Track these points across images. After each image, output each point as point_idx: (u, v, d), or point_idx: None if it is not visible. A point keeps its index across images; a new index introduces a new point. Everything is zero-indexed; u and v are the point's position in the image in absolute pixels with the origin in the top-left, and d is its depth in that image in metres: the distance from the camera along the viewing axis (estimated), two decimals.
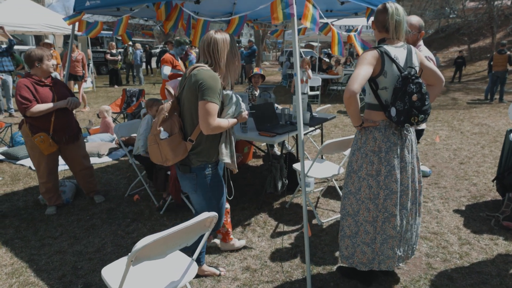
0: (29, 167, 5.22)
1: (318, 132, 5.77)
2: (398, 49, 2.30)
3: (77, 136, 3.87)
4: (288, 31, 13.05)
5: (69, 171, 5.01)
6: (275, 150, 5.75)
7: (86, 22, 3.92)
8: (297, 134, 3.57)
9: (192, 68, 2.26)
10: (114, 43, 14.68)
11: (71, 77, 9.68)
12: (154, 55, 22.94)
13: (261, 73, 5.37)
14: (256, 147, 5.39)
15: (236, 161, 4.04)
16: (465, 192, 4.34)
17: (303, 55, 18.32)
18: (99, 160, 5.49)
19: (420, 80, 2.21)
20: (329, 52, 19.18)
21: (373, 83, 2.32)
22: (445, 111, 9.81)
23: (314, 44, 18.87)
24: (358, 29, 3.50)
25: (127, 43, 4.31)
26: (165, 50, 11.64)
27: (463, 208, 3.94)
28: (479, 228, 3.52)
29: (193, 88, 2.19)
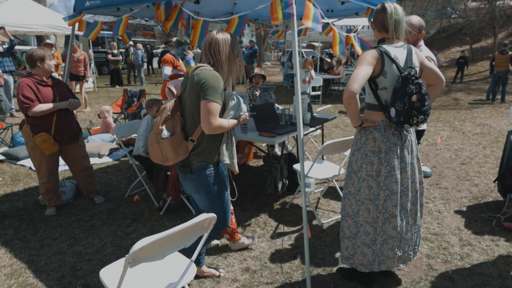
0: (30, 168, 5.22)
1: (319, 132, 5.75)
2: (398, 49, 2.29)
3: (77, 136, 3.87)
4: (289, 31, 13.04)
5: (69, 172, 5.00)
6: (275, 150, 5.74)
7: (86, 22, 3.91)
8: (297, 135, 3.56)
9: (195, 68, 2.25)
10: (116, 43, 14.68)
11: (73, 77, 9.69)
12: (155, 55, 22.96)
13: (262, 74, 5.35)
14: (256, 147, 5.38)
15: (239, 162, 4.05)
16: (466, 193, 4.32)
17: (304, 55, 18.32)
18: (99, 161, 5.49)
19: (420, 81, 2.19)
20: (331, 52, 19.15)
21: (373, 83, 2.30)
22: (447, 111, 9.78)
23: (316, 44, 18.84)
24: (358, 29, 3.49)
25: (127, 43, 4.29)
26: (167, 50, 11.63)
27: (464, 209, 3.92)
28: (480, 229, 3.50)
29: (196, 88, 2.18)
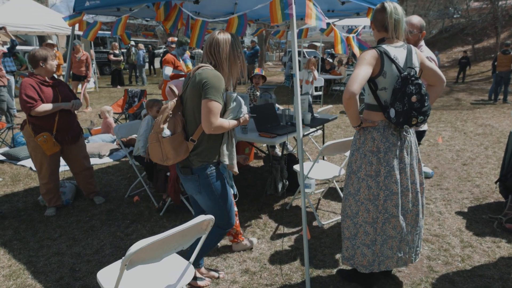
0: (30, 168, 5.22)
1: (320, 133, 5.74)
2: (397, 49, 2.27)
3: (79, 136, 3.87)
4: (290, 32, 13.02)
5: (68, 172, 5.00)
6: (276, 151, 5.72)
7: (86, 22, 3.90)
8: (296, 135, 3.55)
9: (197, 68, 2.25)
10: (117, 44, 14.71)
11: (75, 77, 9.66)
12: (157, 55, 22.97)
13: (262, 74, 5.33)
14: (257, 148, 5.36)
15: (244, 163, 4.03)
16: (467, 194, 4.30)
17: (306, 56, 18.30)
18: (99, 161, 5.49)
19: (419, 81, 2.17)
20: (333, 52, 19.13)
21: (372, 83, 2.29)
22: (449, 111, 9.74)
23: (317, 44, 18.81)
24: (358, 30, 3.47)
25: (126, 44, 4.28)
26: (168, 50, 11.63)
27: (466, 210, 3.89)
28: (482, 230, 3.47)
29: (197, 87, 2.17)
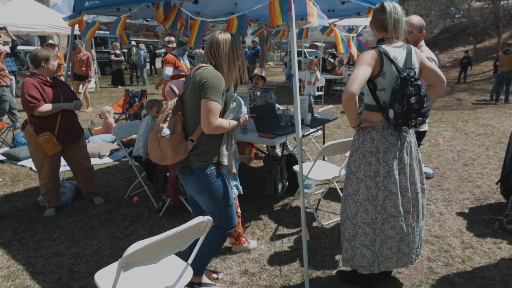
0: (30, 168, 5.21)
1: (320, 133, 5.72)
2: (397, 49, 2.26)
3: (80, 136, 3.87)
4: (290, 32, 12.99)
5: (68, 172, 5.00)
6: (277, 151, 5.71)
7: (86, 23, 3.90)
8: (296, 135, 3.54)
9: (197, 68, 2.24)
10: (118, 44, 14.70)
11: (77, 77, 9.66)
12: (158, 55, 22.99)
13: (261, 74, 5.32)
14: (257, 148, 5.35)
15: (247, 163, 4.02)
16: (468, 195, 4.28)
17: (307, 56, 18.27)
18: (100, 161, 5.48)
19: (419, 82, 2.16)
20: (334, 52, 19.11)
21: (371, 84, 2.27)
22: (450, 111, 9.72)
23: (318, 44, 18.78)
24: (359, 30, 3.46)
25: (126, 44, 4.27)
26: None
27: (467, 210, 3.88)
28: (482, 231, 3.45)
29: (197, 87, 2.17)
